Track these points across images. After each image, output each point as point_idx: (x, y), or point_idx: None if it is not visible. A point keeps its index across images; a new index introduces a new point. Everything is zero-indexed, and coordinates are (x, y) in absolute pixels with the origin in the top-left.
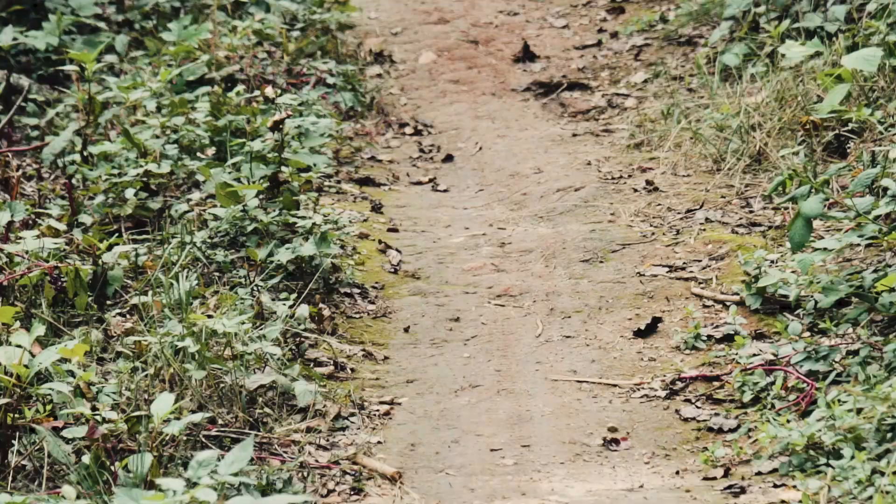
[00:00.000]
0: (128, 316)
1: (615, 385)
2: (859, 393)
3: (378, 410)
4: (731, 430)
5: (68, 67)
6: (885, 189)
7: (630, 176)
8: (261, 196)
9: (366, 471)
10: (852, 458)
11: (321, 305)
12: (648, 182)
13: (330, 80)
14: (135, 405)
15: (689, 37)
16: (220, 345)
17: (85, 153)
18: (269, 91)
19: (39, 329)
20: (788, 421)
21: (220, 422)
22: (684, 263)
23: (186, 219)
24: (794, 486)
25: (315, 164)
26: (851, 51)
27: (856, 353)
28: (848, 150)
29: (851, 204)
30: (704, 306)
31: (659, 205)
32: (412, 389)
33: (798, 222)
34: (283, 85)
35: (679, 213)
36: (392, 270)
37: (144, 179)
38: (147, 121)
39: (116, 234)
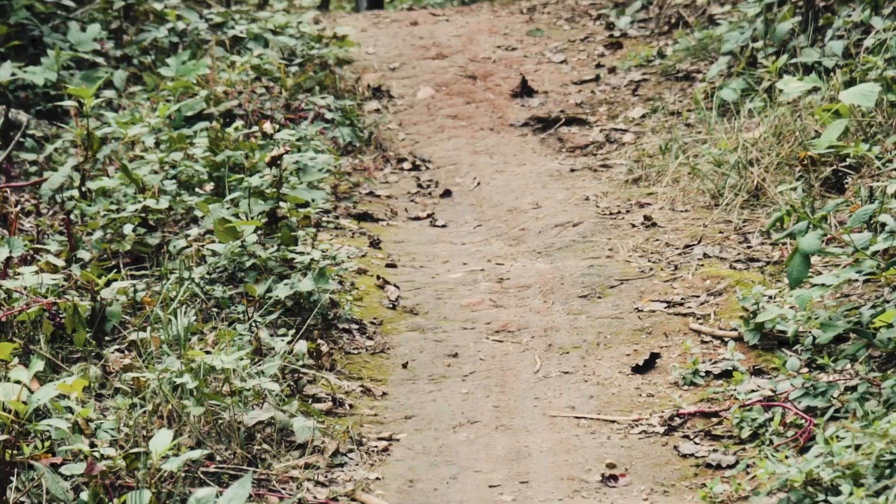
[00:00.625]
0: (126, 352)
1: (613, 421)
2: (857, 429)
3: (376, 446)
4: (730, 467)
5: (67, 103)
6: (883, 225)
7: (628, 211)
8: (259, 232)
9: None
10: (851, 494)
11: (319, 341)
12: (646, 217)
13: (328, 116)
14: (133, 441)
15: (686, 72)
16: (218, 381)
17: (83, 189)
18: (267, 127)
19: (38, 365)
20: (787, 457)
21: (218, 458)
22: (682, 299)
23: (185, 254)
24: None
25: (313, 200)
26: (849, 86)
27: (854, 388)
28: (846, 186)
29: (849, 240)
30: (703, 342)
31: (657, 240)
32: (410, 425)
33: (796, 258)
34: (282, 120)
35: (677, 249)
36: (390, 306)
37: (143, 215)
38: (145, 156)
39: (115, 270)
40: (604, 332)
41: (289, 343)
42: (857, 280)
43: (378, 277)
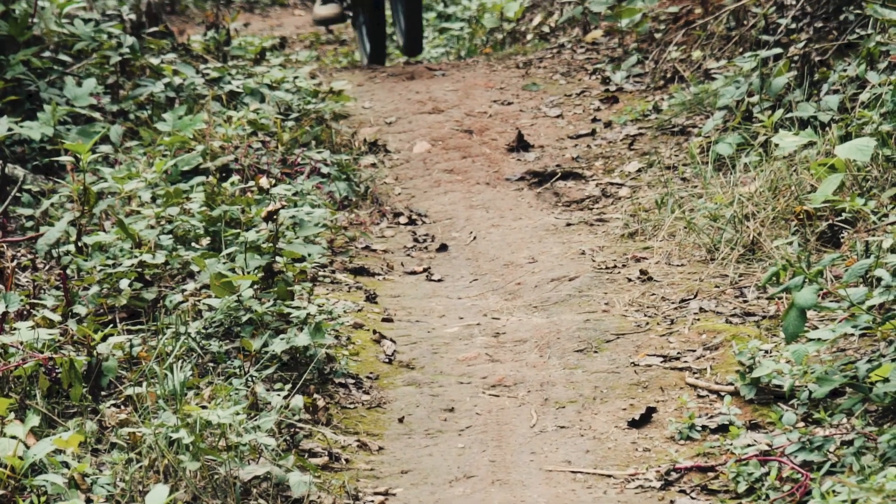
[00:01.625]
0: (122, 407)
1: (610, 476)
2: (854, 484)
3: (373, 501)
4: None
5: (63, 158)
6: (879, 279)
7: (624, 265)
8: (255, 286)
9: None
10: None
11: (316, 396)
12: (642, 272)
13: (324, 170)
14: (129, 497)
15: (682, 126)
16: (214, 436)
17: (79, 244)
18: (263, 182)
19: (34, 420)
20: None
21: None
22: (678, 353)
23: (181, 309)
24: None
25: (310, 254)
26: (845, 140)
27: (850, 443)
28: (842, 240)
29: (845, 294)
30: (699, 396)
31: (653, 294)
32: (407, 480)
33: (792, 313)
34: (278, 175)
35: (673, 303)
36: (386, 360)
37: (139, 270)
38: (142, 211)
39: (111, 325)
40: (600, 386)
41: (285, 398)
42: (853, 334)
43: (374, 332)
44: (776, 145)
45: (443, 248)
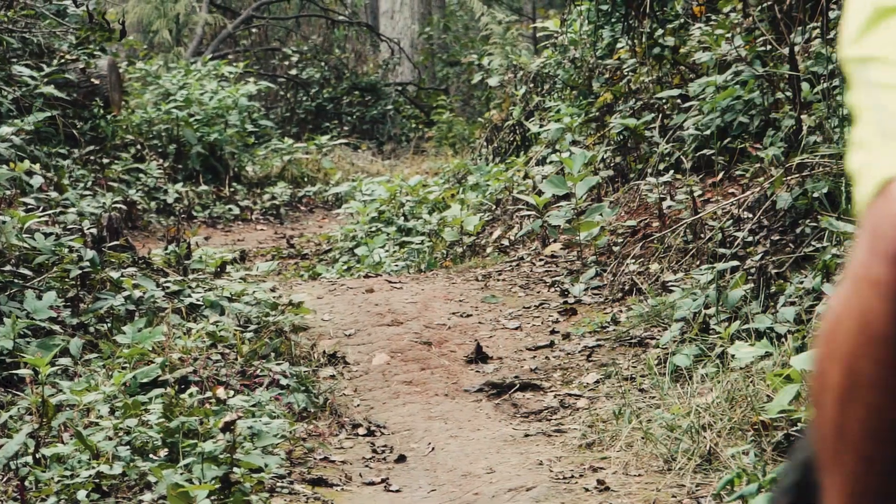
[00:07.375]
0: None
1: None
2: None
3: None
4: None
5: (22, 371)
6: None
7: (581, 475)
8: (212, 497)
9: None
10: None
11: None
12: (600, 482)
13: (283, 382)
14: None
15: (640, 338)
16: None
17: (38, 455)
18: (220, 392)
19: None
20: None
21: None
22: None
23: None
24: None
25: (267, 465)
26: (801, 351)
27: None
28: None
29: None
30: None
31: None
32: None
33: None
34: (237, 386)
35: None
36: None
37: (96, 481)
38: (100, 423)
39: None
40: None
41: None
42: None
43: None
44: (733, 356)
45: (401, 458)
